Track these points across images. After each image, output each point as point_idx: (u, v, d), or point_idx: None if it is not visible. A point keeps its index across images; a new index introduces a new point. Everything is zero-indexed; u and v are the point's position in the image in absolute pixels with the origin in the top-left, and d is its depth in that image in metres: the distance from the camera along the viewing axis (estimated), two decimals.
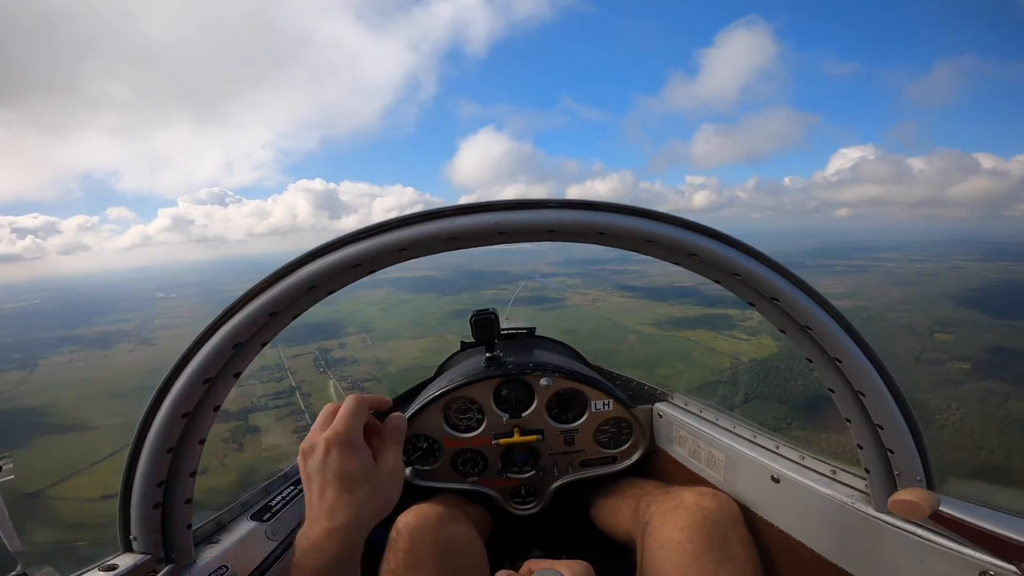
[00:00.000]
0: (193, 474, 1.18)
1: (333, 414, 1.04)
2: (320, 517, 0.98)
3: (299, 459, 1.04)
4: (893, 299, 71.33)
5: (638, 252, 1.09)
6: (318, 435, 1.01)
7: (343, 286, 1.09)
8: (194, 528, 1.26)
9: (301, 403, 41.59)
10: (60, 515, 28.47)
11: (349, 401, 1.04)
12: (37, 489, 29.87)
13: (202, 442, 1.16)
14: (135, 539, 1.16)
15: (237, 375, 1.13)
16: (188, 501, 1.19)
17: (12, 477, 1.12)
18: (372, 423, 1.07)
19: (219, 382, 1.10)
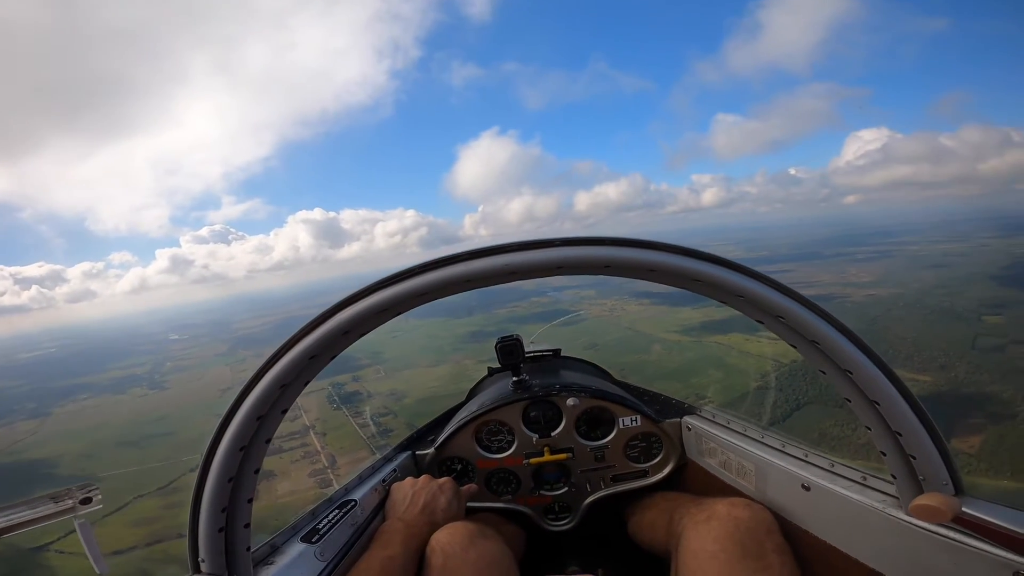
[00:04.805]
0: (250, 501, 1.31)
1: (426, 483, 1.98)
2: (406, 515, 1.84)
3: (413, 483, 1.98)
4: (926, 283, 67.51)
5: (645, 280, 1.16)
6: (432, 481, 1.99)
7: (373, 328, 1.20)
8: (252, 551, 1.37)
9: (316, 443, 39.12)
10: (61, 569, 26.42)
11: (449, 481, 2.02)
12: (43, 543, 27.82)
13: (257, 472, 1.29)
14: (203, 561, 1.27)
15: (284, 411, 1.28)
16: (247, 525, 1.32)
17: (101, 507, 1.18)
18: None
19: (269, 418, 1.24)
